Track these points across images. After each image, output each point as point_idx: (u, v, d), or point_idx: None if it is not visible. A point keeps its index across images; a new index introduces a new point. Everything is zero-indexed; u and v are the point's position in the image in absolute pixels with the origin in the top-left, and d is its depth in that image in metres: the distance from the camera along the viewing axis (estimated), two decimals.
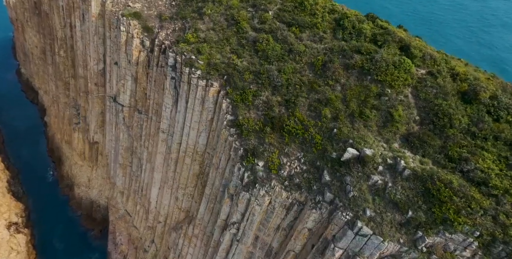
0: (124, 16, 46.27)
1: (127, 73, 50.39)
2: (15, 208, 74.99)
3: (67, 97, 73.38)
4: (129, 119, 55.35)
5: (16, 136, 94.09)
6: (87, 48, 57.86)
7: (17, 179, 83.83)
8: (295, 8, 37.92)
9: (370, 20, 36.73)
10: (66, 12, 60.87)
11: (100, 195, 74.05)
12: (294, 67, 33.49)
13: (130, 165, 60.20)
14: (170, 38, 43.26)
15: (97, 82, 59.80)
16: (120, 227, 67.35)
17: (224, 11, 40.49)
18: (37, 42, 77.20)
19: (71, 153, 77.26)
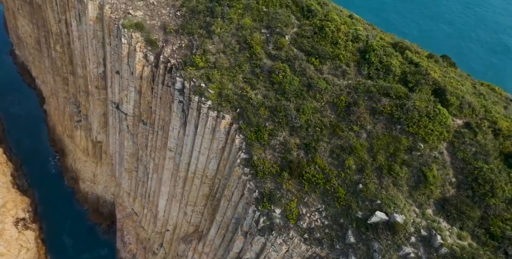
0: (125, 28, 42.83)
1: (130, 84, 47.76)
2: (22, 203, 74.92)
3: (66, 92, 70.67)
4: (134, 128, 53.41)
5: (16, 124, 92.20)
6: (85, 50, 54.55)
7: (21, 170, 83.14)
8: (314, 34, 34.58)
9: (399, 51, 33.47)
10: (61, 9, 56.70)
11: (106, 191, 73.72)
12: (314, 107, 31.12)
13: (136, 170, 59.09)
14: (176, 56, 40.23)
15: (98, 86, 57.07)
16: (128, 226, 67.60)
17: (235, 31, 37.16)
18: (30, 32, 73.05)
19: (74, 147, 75.89)
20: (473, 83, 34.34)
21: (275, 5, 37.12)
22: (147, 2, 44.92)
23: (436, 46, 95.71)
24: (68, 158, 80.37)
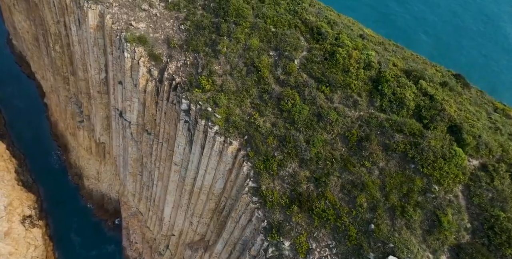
0: (127, 42, 41.53)
1: (133, 95, 46.93)
2: (27, 200, 75.62)
3: (67, 91, 69.66)
4: (138, 136, 52.98)
5: (17, 116, 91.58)
6: (86, 56, 53.26)
7: (25, 166, 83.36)
8: (325, 60, 33.49)
9: (412, 81, 32.44)
10: (59, 11, 54.82)
11: (111, 189, 74.20)
12: (325, 139, 30.63)
13: (141, 174, 59.18)
14: (181, 74, 39.26)
15: (100, 91, 56.14)
16: (133, 225, 68.53)
17: (242, 52, 36.02)
18: (27, 28, 71.12)
19: (76, 145, 75.70)
20: (487, 111, 33.54)
21: (283, 26, 35.78)
22: (149, 13, 43.37)
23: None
24: (71, 154, 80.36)
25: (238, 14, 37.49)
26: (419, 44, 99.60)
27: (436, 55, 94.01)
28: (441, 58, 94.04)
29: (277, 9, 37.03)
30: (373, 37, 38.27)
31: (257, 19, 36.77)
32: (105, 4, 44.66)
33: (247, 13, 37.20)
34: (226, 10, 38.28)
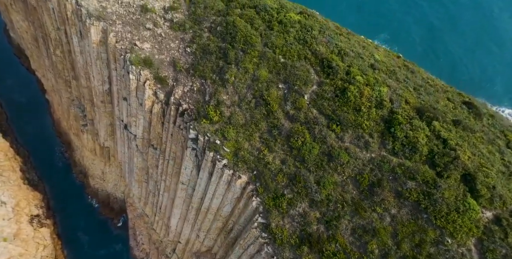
0: (133, 64, 40.67)
1: (139, 113, 46.55)
2: (34, 199, 76.64)
3: (69, 93, 68.87)
4: (143, 148, 52.97)
5: (19, 112, 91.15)
6: (89, 67, 52.33)
7: (29, 163, 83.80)
8: (335, 96, 32.90)
9: (425, 121, 31.94)
10: (59, 19, 53.25)
11: (116, 189, 75.03)
12: (335, 181, 30.66)
13: (146, 182, 59.66)
14: (188, 100, 38.73)
15: (104, 100, 55.62)
16: (140, 226, 69.81)
17: (250, 82, 35.36)
18: (26, 28, 69.35)
19: (80, 145, 75.79)
20: (500, 150, 33.25)
21: (293, 56, 34.92)
22: (154, 33, 42.22)
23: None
24: (75, 152, 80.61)
25: (246, 41, 36.51)
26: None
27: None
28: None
29: (286, 37, 36.00)
30: (383, 64, 37.44)
31: (266, 48, 35.84)
32: (108, 21, 43.44)
33: (255, 41, 36.22)
34: (234, 35, 37.25)
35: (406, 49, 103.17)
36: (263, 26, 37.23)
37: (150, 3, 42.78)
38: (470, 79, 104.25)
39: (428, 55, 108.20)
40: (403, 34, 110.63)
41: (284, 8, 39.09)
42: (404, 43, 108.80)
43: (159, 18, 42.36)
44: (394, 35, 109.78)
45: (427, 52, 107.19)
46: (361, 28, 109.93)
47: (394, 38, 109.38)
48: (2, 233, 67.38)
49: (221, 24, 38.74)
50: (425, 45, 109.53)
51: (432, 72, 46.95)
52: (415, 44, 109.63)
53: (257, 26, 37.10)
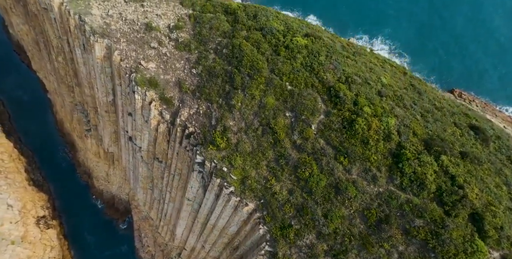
0: (138, 85, 40.45)
1: (144, 129, 46.61)
2: (40, 200, 77.58)
3: (72, 98, 68.66)
4: (148, 159, 53.26)
5: (21, 110, 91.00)
6: (93, 79, 51.99)
7: (34, 163, 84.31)
8: (343, 128, 32.87)
9: (433, 155, 31.98)
10: (61, 29, 52.52)
11: (121, 191, 75.80)
12: (343, 215, 31.00)
13: (151, 189, 60.28)
14: (194, 123, 38.75)
15: (108, 110, 55.55)
16: (145, 228, 70.92)
17: (257, 109, 35.29)
18: (27, 32, 68.44)
19: (84, 147, 76.08)
20: (507, 182, 33.47)
21: (300, 84, 34.70)
22: (159, 52, 41.78)
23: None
24: (79, 153, 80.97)
25: (252, 66, 36.21)
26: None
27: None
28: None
29: (293, 64, 35.65)
30: (390, 88, 37.23)
31: (273, 74, 35.57)
32: (112, 39, 42.93)
33: (262, 66, 35.91)
34: (240, 59, 36.91)
35: (408, 44, 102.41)
36: (269, 50, 36.83)
37: (154, 21, 42.17)
38: (474, 77, 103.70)
39: (436, 50, 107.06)
40: (404, 29, 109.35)
41: (291, 30, 38.55)
42: (406, 38, 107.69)
43: (164, 37, 41.84)
44: (396, 30, 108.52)
45: (432, 47, 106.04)
46: (365, 24, 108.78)
47: (396, 33, 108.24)
48: (10, 236, 68.59)
49: (227, 46, 38.31)
50: (428, 39, 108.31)
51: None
52: (416, 39, 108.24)
53: (263, 50, 36.70)
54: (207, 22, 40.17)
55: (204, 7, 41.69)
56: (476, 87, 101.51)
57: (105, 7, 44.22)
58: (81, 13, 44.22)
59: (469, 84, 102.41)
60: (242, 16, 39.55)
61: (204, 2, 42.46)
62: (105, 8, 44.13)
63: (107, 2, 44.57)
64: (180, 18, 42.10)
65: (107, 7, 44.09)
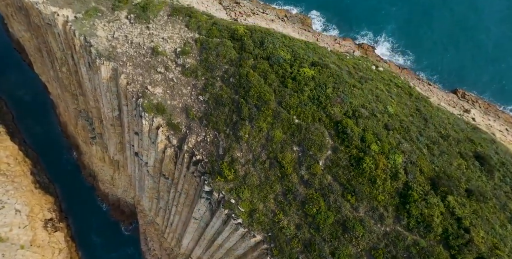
0: (145, 111, 40.71)
1: (151, 148, 47.12)
2: (46, 203, 78.92)
3: (76, 105, 68.74)
4: (155, 174, 53.95)
5: (24, 110, 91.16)
6: (98, 95, 52.07)
7: (39, 165, 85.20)
8: (351, 166, 33.35)
9: (440, 195, 32.52)
10: (65, 45, 52.18)
11: (126, 194, 76.94)
12: (350, 253, 31.86)
13: (157, 199, 61.24)
14: (202, 151, 39.25)
15: (113, 124, 55.89)
16: (150, 232, 72.46)
17: (264, 142, 35.70)
18: (29, 39, 67.78)
19: (89, 151, 76.73)
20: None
21: (307, 118, 34.97)
22: (165, 77, 41.80)
23: None
24: (84, 156, 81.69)
25: (259, 97, 36.39)
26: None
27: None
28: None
29: (300, 96, 35.81)
30: (397, 118, 37.54)
31: (280, 107, 35.79)
32: (119, 62, 42.91)
33: (269, 98, 36.10)
34: (247, 90, 37.05)
35: (413, 41, 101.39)
36: (276, 81, 36.91)
37: (160, 45, 41.99)
38: (478, 76, 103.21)
39: (441, 48, 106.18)
40: (409, 25, 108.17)
41: (298, 58, 38.48)
42: (411, 34, 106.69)
43: (170, 62, 41.76)
44: (401, 26, 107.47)
45: (437, 44, 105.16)
46: (369, 19, 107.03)
47: (401, 29, 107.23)
48: (19, 240, 70.21)
49: (234, 75, 38.35)
50: (432, 36, 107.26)
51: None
52: (421, 35, 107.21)
53: (270, 81, 36.79)
54: (213, 49, 40.03)
55: (210, 32, 41.40)
56: (479, 87, 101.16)
57: (110, 28, 43.92)
58: (86, 35, 43.96)
59: (473, 83, 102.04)
60: (248, 44, 39.37)
61: (210, 25, 42.13)
62: (111, 29, 43.84)
63: (112, 23, 44.24)
64: (187, 43, 41.91)
65: (112, 29, 43.80)
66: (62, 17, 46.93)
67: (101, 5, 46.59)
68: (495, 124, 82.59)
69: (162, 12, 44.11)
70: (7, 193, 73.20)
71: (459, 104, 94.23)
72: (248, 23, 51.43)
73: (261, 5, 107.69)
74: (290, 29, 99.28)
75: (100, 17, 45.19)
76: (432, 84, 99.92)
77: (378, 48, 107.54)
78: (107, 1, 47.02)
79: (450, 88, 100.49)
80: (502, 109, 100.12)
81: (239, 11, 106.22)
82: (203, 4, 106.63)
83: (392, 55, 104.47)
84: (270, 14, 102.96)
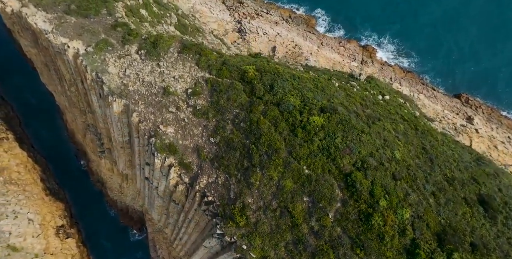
0: (158, 151, 41.78)
1: (162, 180, 48.44)
2: (57, 210, 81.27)
3: (84, 119, 69.65)
4: (165, 197, 55.53)
5: (31, 115, 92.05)
6: (109, 123, 52.87)
7: (48, 171, 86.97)
8: (359, 220, 34.76)
9: (446, 252, 33.90)
10: (75, 72, 52.61)
11: (135, 202, 79.01)
12: None
13: (166, 215, 63.16)
14: (213, 192, 40.60)
15: (123, 147, 56.99)
16: (159, 240, 75.02)
17: (275, 190, 37.00)
18: (36, 54, 67.77)
19: (97, 161, 78.18)
20: None
21: (317, 169, 36.10)
22: (177, 117, 42.62)
23: None
24: (92, 163, 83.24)
25: (270, 145, 37.41)
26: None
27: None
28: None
29: (310, 147, 36.78)
30: (404, 163, 38.69)
31: (291, 157, 36.86)
32: (131, 100, 43.57)
33: (279, 147, 37.13)
34: (258, 136, 38.01)
35: (417, 43, 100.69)
36: (287, 130, 37.82)
37: (172, 85, 42.56)
38: (482, 80, 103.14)
39: (445, 50, 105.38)
40: (414, 26, 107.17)
41: (307, 104, 39.17)
42: (415, 36, 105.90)
43: (181, 102, 42.47)
44: (405, 26, 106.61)
45: (442, 47, 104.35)
46: (374, 19, 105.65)
47: (405, 30, 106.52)
48: (33, 249, 72.91)
49: (244, 120, 39.21)
50: (437, 38, 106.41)
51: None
52: (425, 37, 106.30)
53: (281, 130, 37.70)
54: (224, 92, 40.65)
55: (221, 72, 41.86)
56: (484, 91, 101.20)
57: (121, 64, 44.35)
58: (98, 71, 44.44)
59: (477, 87, 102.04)
60: (259, 88, 39.94)
61: (220, 65, 42.51)
62: (122, 66, 44.28)
63: (123, 59, 44.61)
64: (197, 82, 42.46)
65: (124, 65, 44.23)
66: (73, 49, 47.21)
67: (111, 37, 46.76)
68: (497, 136, 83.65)
69: (172, 48, 44.37)
70: (19, 202, 75.31)
71: (463, 111, 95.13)
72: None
73: (265, 4, 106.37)
74: (295, 33, 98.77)
75: (111, 51, 45.49)
76: (436, 89, 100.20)
77: (383, 51, 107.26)
78: (117, 33, 47.17)
79: (454, 92, 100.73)
80: (505, 114, 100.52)
81: (243, 12, 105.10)
82: (206, 4, 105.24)
83: (396, 57, 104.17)
84: (274, 15, 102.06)
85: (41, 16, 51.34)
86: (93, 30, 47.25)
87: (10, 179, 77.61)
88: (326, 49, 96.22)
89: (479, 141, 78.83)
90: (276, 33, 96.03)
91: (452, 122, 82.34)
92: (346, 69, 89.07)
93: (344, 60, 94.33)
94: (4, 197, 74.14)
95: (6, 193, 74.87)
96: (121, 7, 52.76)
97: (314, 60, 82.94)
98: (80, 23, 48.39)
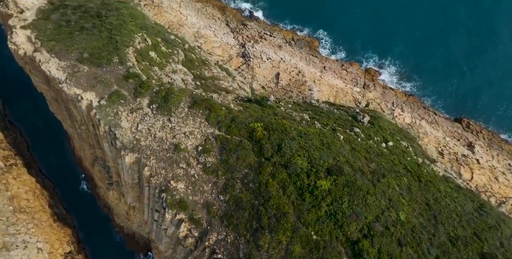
0: (168, 207, 43.18)
1: (171, 227, 49.76)
2: (65, 236, 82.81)
3: (93, 151, 71.02)
4: (173, 237, 56.93)
5: (39, 139, 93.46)
6: (119, 166, 54.26)
7: (56, 195, 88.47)
8: None
9: None
10: (87, 118, 53.94)
11: (141, 229, 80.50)
12: None
13: (174, 249, 64.58)
14: (222, 250, 41.99)
15: (133, 187, 58.36)
16: None
17: (284, 255, 38.36)
18: (45, 89, 69.10)
19: (105, 189, 79.60)
20: None
21: (325, 235, 37.48)
22: (187, 172, 43.96)
23: None
24: (99, 189, 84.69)
25: (278, 208, 38.77)
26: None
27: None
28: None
29: (318, 212, 38.16)
30: (408, 225, 40.04)
31: (299, 222, 38.22)
32: (143, 155, 44.89)
33: (288, 211, 38.50)
34: (267, 199, 39.37)
35: (419, 65, 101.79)
36: (295, 193, 39.18)
37: (183, 142, 43.86)
38: (484, 104, 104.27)
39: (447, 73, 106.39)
40: (416, 49, 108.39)
41: (314, 165, 40.50)
42: (417, 59, 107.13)
43: (192, 159, 43.79)
44: (407, 48, 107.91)
45: (444, 70, 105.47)
46: (375, 41, 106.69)
47: (407, 52, 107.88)
48: None
49: (253, 181, 40.55)
50: (439, 61, 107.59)
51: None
52: (427, 60, 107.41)
53: (289, 193, 39.06)
54: (233, 151, 41.98)
55: (230, 129, 43.17)
56: (485, 115, 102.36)
57: (133, 119, 45.64)
58: (111, 125, 45.76)
59: (479, 111, 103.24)
60: (267, 149, 41.27)
61: (229, 122, 43.82)
62: (134, 120, 45.57)
63: (135, 113, 45.91)
64: (207, 139, 43.77)
65: (136, 120, 45.53)
66: (86, 100, 48.53)
67: (123, 89, 48.05)
68: (498, 165, 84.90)
69: (182, 103, 45.68)
70: (29, 231, 76.84)
71: (464, 137, 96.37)
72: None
73: (268, 26, 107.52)
74: (298, 57, 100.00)
75: (123, 104, 46.78)
76: (438, 113, 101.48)
77: (385, 73, 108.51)
78: (129, 84, 48.45)
79: (455, 116, 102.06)
80: (506, 137, 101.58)
81: (247, 35, 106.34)
82: (211, 27, 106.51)
83: (398, 82, 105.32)
84: (277, 37, 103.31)
85: (54, 63, 52.62)
86: (106, 81, 48.53)
87: (19, 207, 79.18)
88: (328, 74, 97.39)
89: (480, 173, 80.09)
90: (280, 58, 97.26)
91: (453, 152, 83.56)
92: (349, 97, 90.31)
93: (347, 86, 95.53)
94: (14, 226, 75.70)
95: (16, 222, 76.41)
96: (132, 53, 54.03)
97: (318, 90, 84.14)
98: (93, 73, 49.67)
